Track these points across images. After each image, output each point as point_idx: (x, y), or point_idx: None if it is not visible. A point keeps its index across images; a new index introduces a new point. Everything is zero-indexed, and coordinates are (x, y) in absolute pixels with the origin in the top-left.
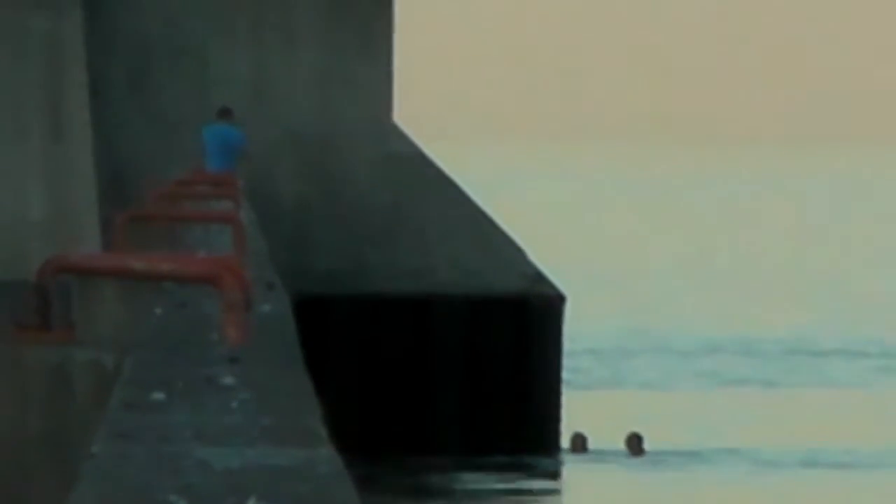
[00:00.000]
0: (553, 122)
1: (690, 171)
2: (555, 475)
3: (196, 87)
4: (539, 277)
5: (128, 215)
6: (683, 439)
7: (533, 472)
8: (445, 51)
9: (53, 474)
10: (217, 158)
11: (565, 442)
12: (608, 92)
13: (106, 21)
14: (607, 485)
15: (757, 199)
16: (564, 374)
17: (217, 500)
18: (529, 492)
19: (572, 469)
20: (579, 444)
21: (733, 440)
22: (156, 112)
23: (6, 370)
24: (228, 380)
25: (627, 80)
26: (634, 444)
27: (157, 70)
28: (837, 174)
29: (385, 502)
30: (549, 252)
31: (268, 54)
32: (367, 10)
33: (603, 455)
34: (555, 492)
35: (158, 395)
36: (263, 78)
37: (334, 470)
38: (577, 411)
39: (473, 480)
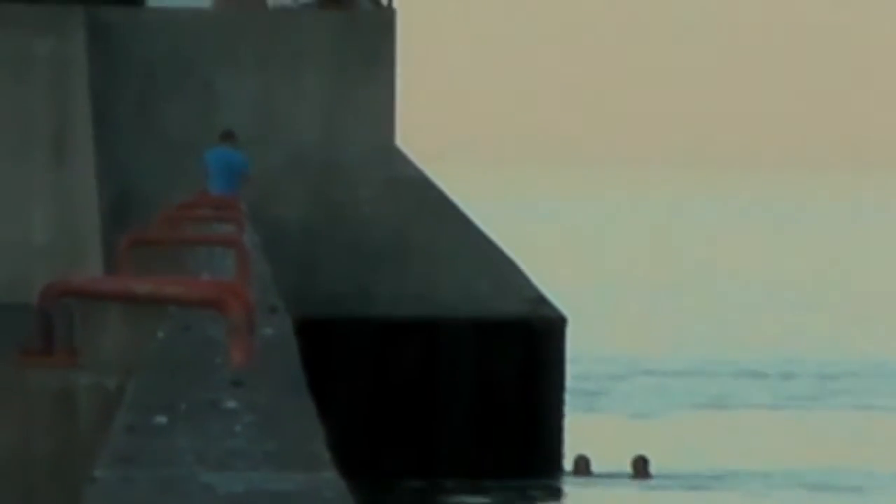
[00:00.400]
0: (556, 145)
1: (689, 194)
2: (558, 498)
3: (201, 111)
4: (541, 300)
5: (130, 239)
6: (689, 462)
7: (536, 495)
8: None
9: (57, 498)
10: (220, 182)
11: (568, 464)
12: (612, 116)
13: (110, 44)
14: None
15: (755, 222)
16: (567, 397)
17: None
18: None
19: (576, 492)
20: (583, 466)
21: (740, 463)
22: (160, 135)
23: (9, 394)
24: (232, 403)
25: (629, 104)
26: (640, 466)
27: (162, 94)
28: (840, 197)
29: None
30: (550, 275)
31: (273, 79)
32: (371, 35)
33: (606, 478)
34: None
35: (161, 419)
36: (268, 102)
37: (338, 494)
38: (579, 434)
39: (476, 503)
